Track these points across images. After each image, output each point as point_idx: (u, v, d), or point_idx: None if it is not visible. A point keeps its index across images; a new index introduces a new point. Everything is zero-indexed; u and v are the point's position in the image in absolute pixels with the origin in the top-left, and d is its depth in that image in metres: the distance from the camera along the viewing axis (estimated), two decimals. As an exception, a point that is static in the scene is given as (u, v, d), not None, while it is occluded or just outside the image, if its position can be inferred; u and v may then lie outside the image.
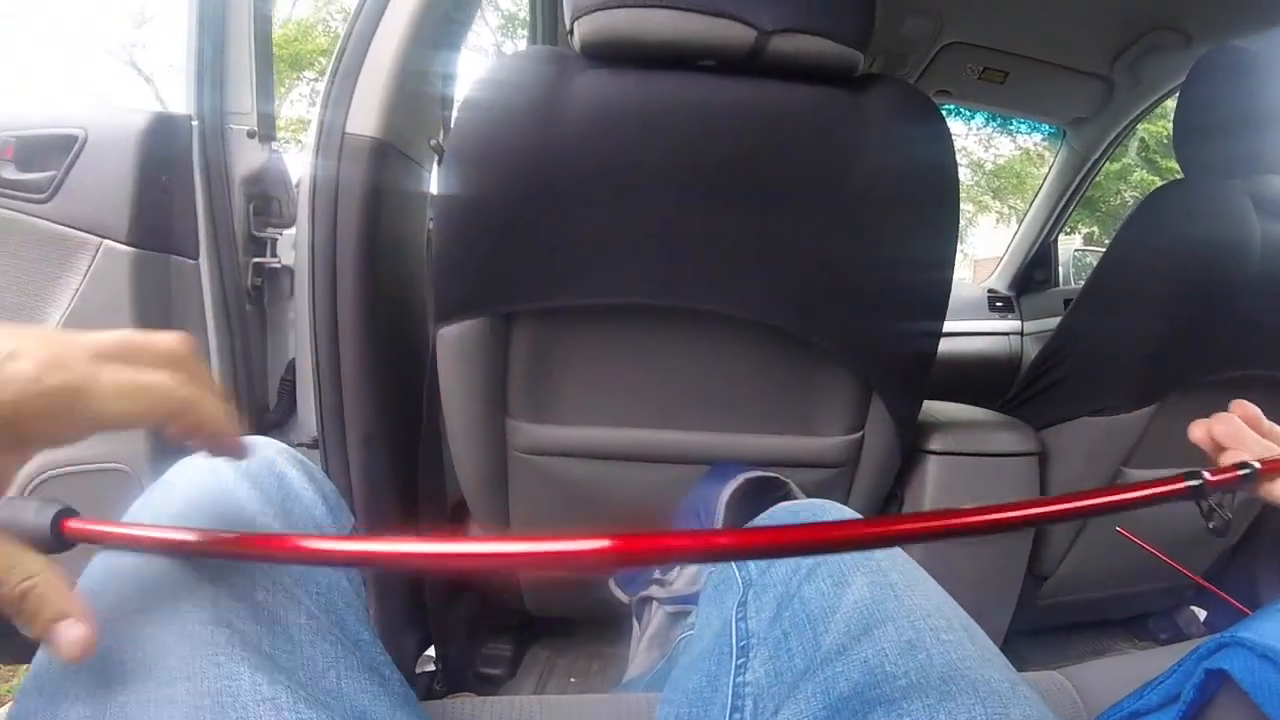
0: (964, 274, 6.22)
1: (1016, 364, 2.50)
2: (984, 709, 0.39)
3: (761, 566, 0.57)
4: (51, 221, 1.04)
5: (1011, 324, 2.57)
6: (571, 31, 0.84)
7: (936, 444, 1.13)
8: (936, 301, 0.92)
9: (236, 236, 1.16)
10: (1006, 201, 10.44)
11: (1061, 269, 2.58)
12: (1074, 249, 2.68)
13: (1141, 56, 1.84)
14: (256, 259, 1.20)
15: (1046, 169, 2.61)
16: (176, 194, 1.10)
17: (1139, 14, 1.71)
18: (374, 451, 1.05)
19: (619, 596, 0.98)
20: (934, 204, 0.88)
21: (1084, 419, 1.15)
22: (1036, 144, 8.46)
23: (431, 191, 1.17)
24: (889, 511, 1.17)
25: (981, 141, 10.01)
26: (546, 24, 1.89)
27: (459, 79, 1.18)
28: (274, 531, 0.48)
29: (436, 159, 1.15)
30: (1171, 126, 1.17)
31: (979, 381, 2.34)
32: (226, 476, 0.49)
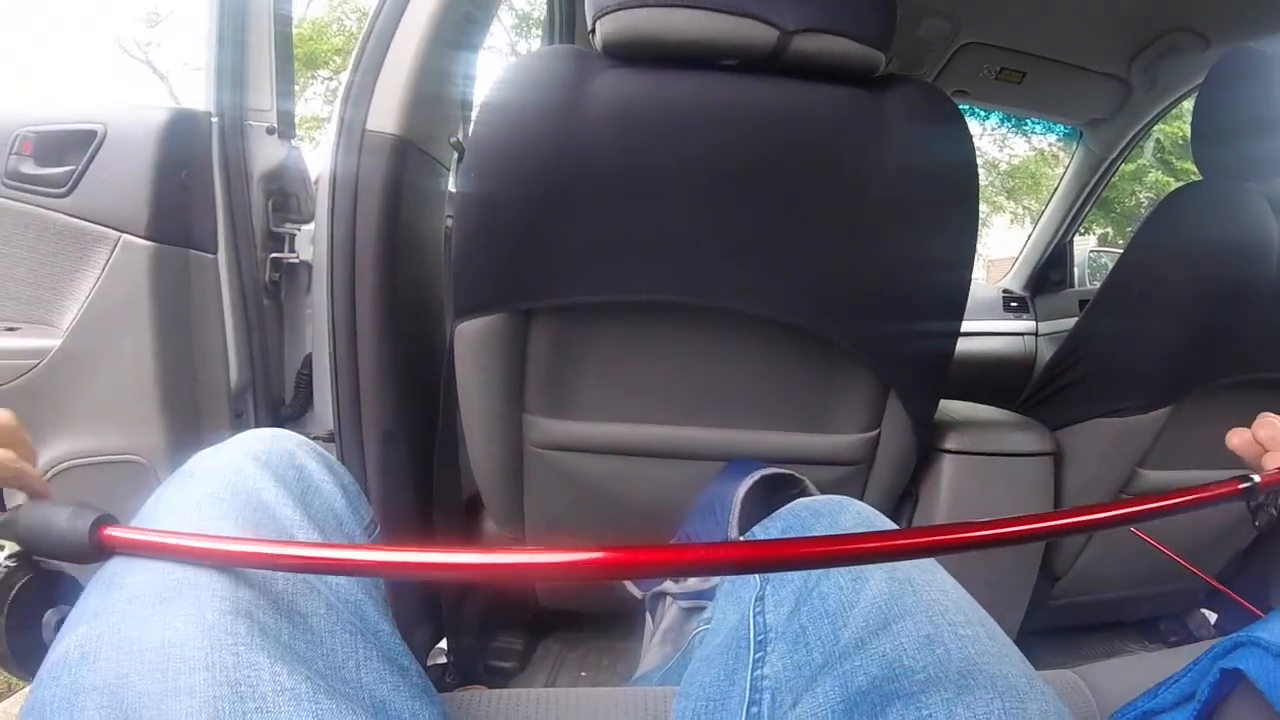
0: (978, 274, 6.17)
1: (1031, 364, 2.49)
2: (1002, 703, 0.39)
3: None
4: (70, 216, 1.05)
5: (1026, 324, 2.56)
6: (593, 30, 0.84)
7: (952, 443, 1.13)
8: (955, 302, 0.92)
9: (255, 232, 1.17)
10: (1021, 202, 10.37)
11: (1077, 270, 2.57)
12: (1089, 250, 2.68)
13: (1159, 58, 1.83)
14: (275, 254, 1.21)
15: (1061, 170, 2.60)
16: (196, 189, 1.11)
17: (1157, 16, 1.70)
18: (392, 447, 1.06)
19: (632, 592, 0.99)
20: (954, 205, 0.88)
21: (1099, 420, 1.15)
22: (1051, 145, 8.41)
23: (451, 189, 1.18)
24: (904, 510, 1.17)
25: (996, 142, 9.95)
26: (564, 23, 1.90)
27: (477, 79, 1.18)
28: (294, 521, 0.48)
29: (456, 157, 1.15)
30: (1188, 128, 1.16)
31: (993, 382, 2.33)
32: (246, 468, 0.49)
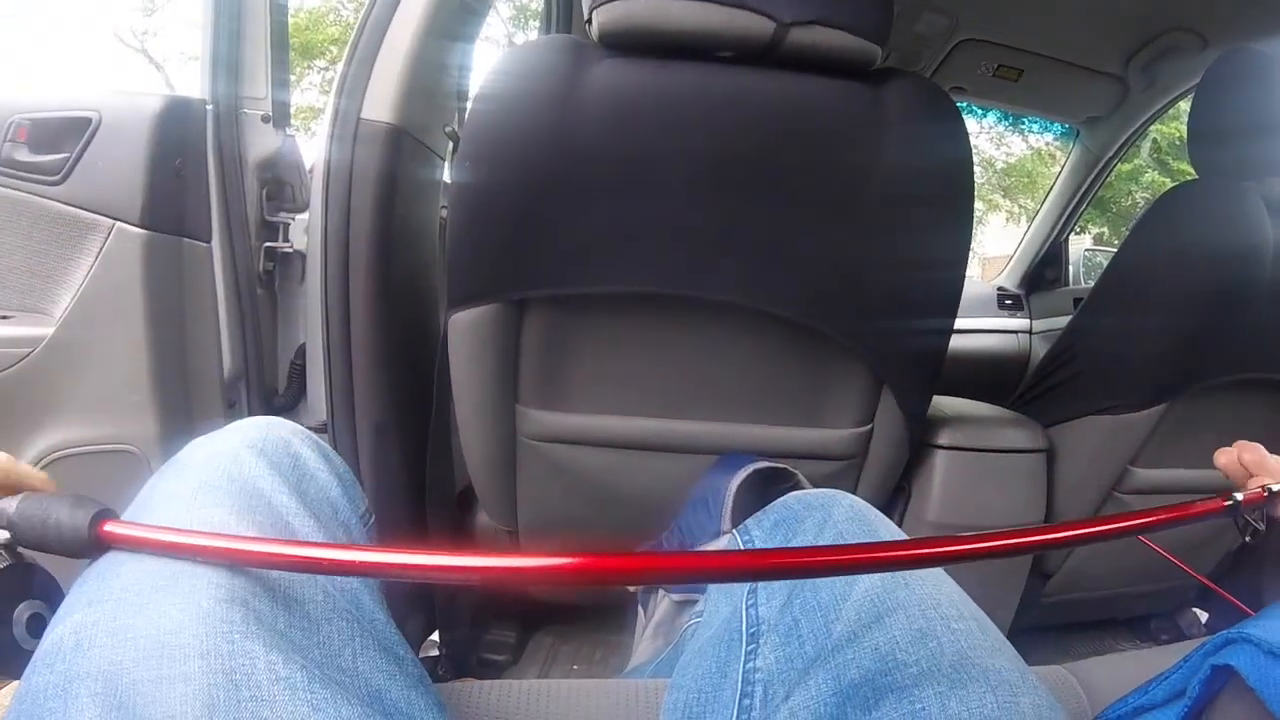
0: (973, 271, 6.22)
1: (1025, 362, 2.50)
2: (994, 697, 0.39)
3: None
4: (64, 203, 1.04)
5: (1020, 322, 2.58)
6: (590, 21, 0.84)
7: (945, 439, 1.13)
8: (949, 298, 0.93)
9: (249, 221, 1.16)
10: (1017, 200, 10.37)
11: (1072, 268, 2.59)
12: (1084, 249, 2.69)
13: (1157, 57, 1.83)
14: (269, 243, 1.20)
15: (1057, 168, 2.60)
16: (190, 177, 1.10)
17: (1155, 15, 1.71)
18: (385, 438, 1.05)
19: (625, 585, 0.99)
20: (949, 201, 0.88)
21: (1092, 417, 1.15)
22: (1048, 143, 8.40)
23: (446, 179, 1.17)
24: (896, 505, 1.17)
25: (993, 140, 9.94)
26: (561, 13, 1.89)
27: (473, 69, 1.18)
28: (290, 509, 0.48)
29: (452, 146, 1.15)
30: (1185, 129, 1.16)
31: (987, 378, 2.34)
32: (242, 455, 0.49)
